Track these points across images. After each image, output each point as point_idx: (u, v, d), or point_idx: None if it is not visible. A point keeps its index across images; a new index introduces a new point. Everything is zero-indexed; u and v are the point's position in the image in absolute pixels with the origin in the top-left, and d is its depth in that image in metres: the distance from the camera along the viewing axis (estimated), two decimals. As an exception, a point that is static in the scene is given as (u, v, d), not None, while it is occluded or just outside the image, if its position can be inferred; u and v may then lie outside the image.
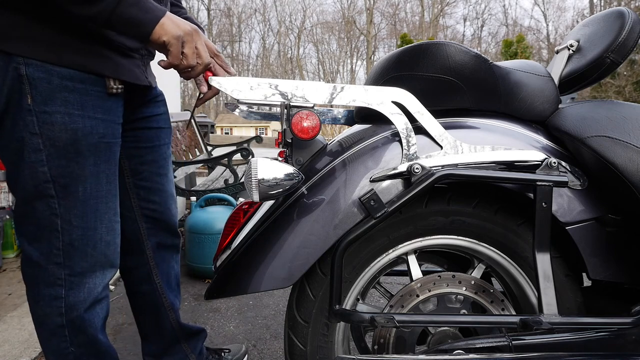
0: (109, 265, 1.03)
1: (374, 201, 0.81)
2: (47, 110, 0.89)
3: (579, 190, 0.86)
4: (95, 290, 1.01)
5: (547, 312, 0.82)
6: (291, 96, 0.81)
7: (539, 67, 0.95)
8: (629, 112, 0.86)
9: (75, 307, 0.99)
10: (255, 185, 0.77)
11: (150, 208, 1.21)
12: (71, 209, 0.95)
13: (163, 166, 1.22)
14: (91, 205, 0.97)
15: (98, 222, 0.99)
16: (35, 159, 0.91)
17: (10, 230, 2.70)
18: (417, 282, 0.92)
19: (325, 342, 0.92)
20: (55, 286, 0.97)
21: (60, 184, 0.93)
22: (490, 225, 0.90)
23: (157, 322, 1.29)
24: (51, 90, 0.89)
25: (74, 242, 0.97)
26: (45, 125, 0.89)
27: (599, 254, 0.87)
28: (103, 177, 0.98)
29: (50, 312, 0.99)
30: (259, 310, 1.99)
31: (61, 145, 0.91)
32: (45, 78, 0.88)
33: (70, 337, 1.00)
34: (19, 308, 1.93)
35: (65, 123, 0.91)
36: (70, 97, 0.91)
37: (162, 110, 1.21)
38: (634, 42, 0.95)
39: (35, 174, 0.91)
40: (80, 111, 0.92)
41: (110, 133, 0.98)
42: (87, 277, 1.00)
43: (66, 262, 0.97)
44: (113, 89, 0.96)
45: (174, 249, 1.29)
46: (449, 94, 0.88)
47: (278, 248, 0.84)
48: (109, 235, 1.02)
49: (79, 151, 0.93)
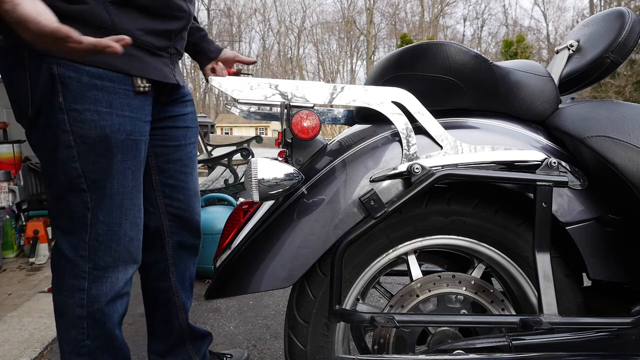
0: (131, 260, 1.06)
1: (374, 201, 0.81)
2: (77, 108, 0.92)
3: (579, 190, 0.86)
4: (117, 285, 1.04)
5: (547, 312, 0.82)
6: (291, 96, 0.81)
7: (539, 67, 0.95)
8: (629, 112, 0.86)
9: (97, 300, 1.02)
10: (255, 185, 0.77)
11: (174, 206, 1.23)
12: (99, 204, 0.98)
13: (188, 165, 1.24)
14: (117, 201, 1.00)
15: (123, 218, 1.02)
16: (67, 155, 0.94)
17: (11, 230, 2.70)
18: (417, 282, 0.92)
19: (325, 342, 0.92)
20: (79, 278, 1.00)
21: (90, 179, 0.96)
22: (490, 225, 0.90)
23: (167, 320, 1.30)
24: (81, 88, 0.91)
25: (99, 236, 1.00)
26: (75, 123, 0.92)
27: (599, 254, 0.87)
28: (129, 174, 1.01)
29: (72, 303, 1.02)
30: (259, 310, 1.99)
31: (91, 142, 0.94)
32: (76, 77, 0.91)
33: (87, 330, 1.03)
34: (19, 308, 1.93)
35: (95, 120, 0.93)
36: (99, 96, 0.93)
37: (189, 109, 1.23)
38: (634, 42, 0.95)
39: (67, 169, 0.95)
40: (108, 109, 0.95)
41: (138, 130, 1.00)
42: (110, 271, 1.02)
43: (91, 255, 1.00)
44: (140, 87, 0.98)
45: (193, 249, 1.31)
46: (449, 94, 0.88)
47: (278, 248, 0.84)
48: (132, 230, 1.04)
49: (107, 148, 0.96)
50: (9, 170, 2.93)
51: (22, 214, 2.85)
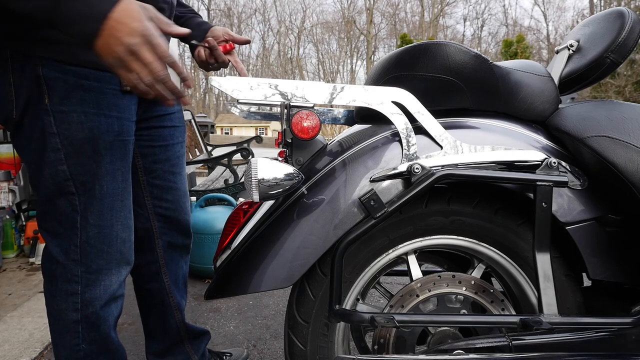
0: (124, 262, 1.04)
1: (374, 201, 0.81)
2: (63, 109, 0.90)
3: (579, 190, 0.86)
4: (111, 288, 1.02)
5: (547, 312, 0.82)
6: (291, 96, 0.81)
7: (539, 67, 0.95)
8: (629, 112, 0.86)
9: (91, 304, 1.01)
10: (255, 185, 0.77)
11: (163, 206, 1.22)
12: (89, 206, 0.96)
13: (177, 164, 1.23)
14: (107, 203, 0.98)
15: (114, 220, 1.00)
16: (54, 157, 0.92)
17: (11, 230, 2.70)
18: (417, 282, 0.92)
19: (325, 342, 0.92)
20: (72, 282, 0.99)
21: (79, 182, 0.94)
22: (490, 225, 0.90)
23: (163, 320, 1.29)
24: (67, 89, 0.90)
25: (91, 239, 0.98)
26: (62, 125, 0.90)
27: (599, 254, 0.87)
28: (119, 175, 0.99)
29: (67, 308, 1.00)
30: (259, 310, 1.99)
31: (78, 143, 0.92)
32: (62, 77, 0.89)
33: (83, 334, 1.02)
34: (19, 308, 1.93)
35: (82, 122, 0.91)
36: (86, 96, 0.91)
37: (176, 108, 1.21)
38: (634, 42, 0.95)
39: (55, 172, 0.93)
40: (95, 109, 0.93)
41: (125, 131, 0.99)
42: (103, 274, 1.01)
43: (83, 259, 0.98)
44: (127, 86, 0.96)
45: (185, 249, 1.30)
46: (449, 94, 0.88)
47: (278, 248, 0.84)
48: (124, 232, 1.03)
49: (95, 149, 0.94)
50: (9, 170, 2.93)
51: (22, 214, 2.85)
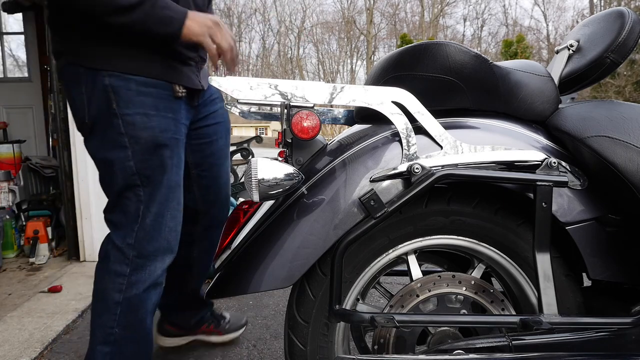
0: (169, 251, 1.15)
1: (374, 201, 0.81)
2: (128, 112, 1.05)
3: (579, 190, 0.86)
4: (155, 273, 1.12)
5: (547, 312, 0.82)
6: (291, 96, 0.81)
7: (539, 67, 0.95)
8: (629, 112, 0.86)
9: (135, 286, 1.10)
10: (255, 185, 0.77)
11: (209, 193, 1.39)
12: (150, 196, 1.09)
13: (220, 157, 1.39)
14: (163, 194, 1.11)
15: (165, 210, 1.12)
16: (123, 155, 1.06)
17: (11, 230, 2.70)
18: (417, 282, 0.92)
19: (325, 342, 0.92)
20: (123, 264, 1.10)
21: (144, 175, 1.08)
22: (490, 225, 0.90)
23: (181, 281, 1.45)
24: (130, 95, 1.05)
25: (147, 227, 1.10)
26: (128, 125, 1.05)
27: (599, 254, 0.87)
28: (175, 169, 1.13)
29: (112, 288, 1.10)
30: (259, 310, 1.99)
31: (142, 141, 1.06)
32: (125, 85, 1.04)
33: (119, 317, 1.10)
34: (19, 308, 1.94)
35: (144, 122, 1.06)
36: (146, 100, 1.06)
37: (218, 105, 1.36)
38: (634, 42, 0.94)
39: (123, 168, 1.07)
40: (155, 111, 1.08)
41: (179, 131, 1.13)
42: (151, 259, 1.12)
43: (136, 244, 1.10)
44: (179, 92, 1.12)
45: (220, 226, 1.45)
46: (449, 94, 0.88)
47: (278, 248, 0.84)
48: (172, 221, 1.14)
49: (156, 146, 1.08)
50: (9, 170, 2.93)
51: (22, 214, 2.85)
